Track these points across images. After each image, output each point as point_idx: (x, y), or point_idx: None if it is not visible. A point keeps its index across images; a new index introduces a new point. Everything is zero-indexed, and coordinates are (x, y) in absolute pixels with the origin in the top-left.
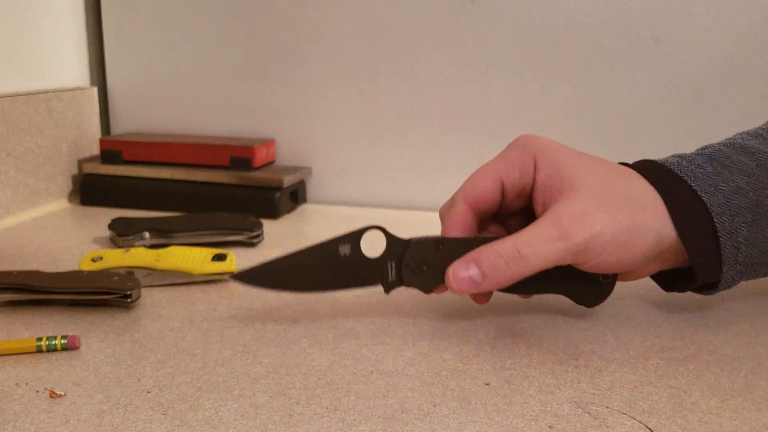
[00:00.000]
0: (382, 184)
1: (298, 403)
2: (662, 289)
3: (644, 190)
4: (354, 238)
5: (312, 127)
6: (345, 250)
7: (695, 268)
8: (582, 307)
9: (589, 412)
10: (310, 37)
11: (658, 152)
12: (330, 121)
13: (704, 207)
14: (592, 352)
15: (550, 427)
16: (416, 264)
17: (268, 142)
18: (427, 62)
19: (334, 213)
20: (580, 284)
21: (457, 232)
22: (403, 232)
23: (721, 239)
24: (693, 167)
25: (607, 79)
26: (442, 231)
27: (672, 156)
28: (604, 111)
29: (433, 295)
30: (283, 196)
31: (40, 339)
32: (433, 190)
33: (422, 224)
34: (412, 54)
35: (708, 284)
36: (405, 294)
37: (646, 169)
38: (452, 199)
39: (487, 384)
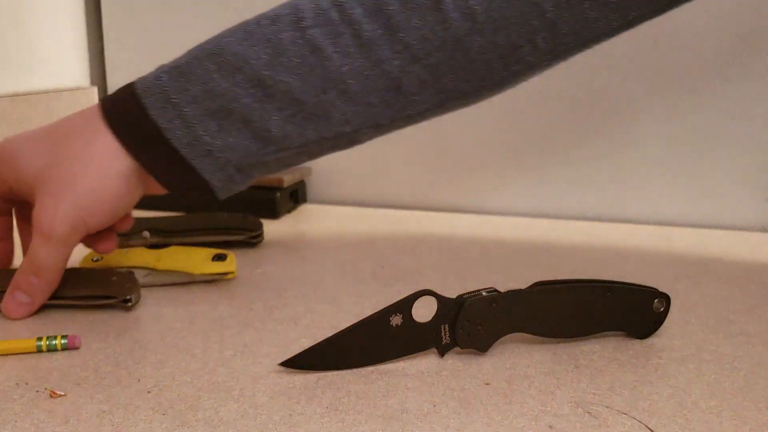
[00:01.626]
0: (382, 184)
1: (298, 403)
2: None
3: (91, 130)
4: (405, 306)
5: None
6: (396, 320)
7: (167, 185)
8: None
9: (589, 412)
10: None
11: (657, 152)
12: None
13: (153, 123)
14: (592, 352)
15: (550, 427)
16: (472, 325)
17: None
18: None
19: (334, 213)
20: (634, 317)
21: None
22: (403, 232)
23: (182, 151)
24: (151, 81)
25: (607, 78)
26: None
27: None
28: (603, 110)
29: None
30: (283, 196)
31: (40, 339)
32: (433, 190)
33: (422, 224)
34: None
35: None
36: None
37: (110, 99)
38: None
39: (487, 384)
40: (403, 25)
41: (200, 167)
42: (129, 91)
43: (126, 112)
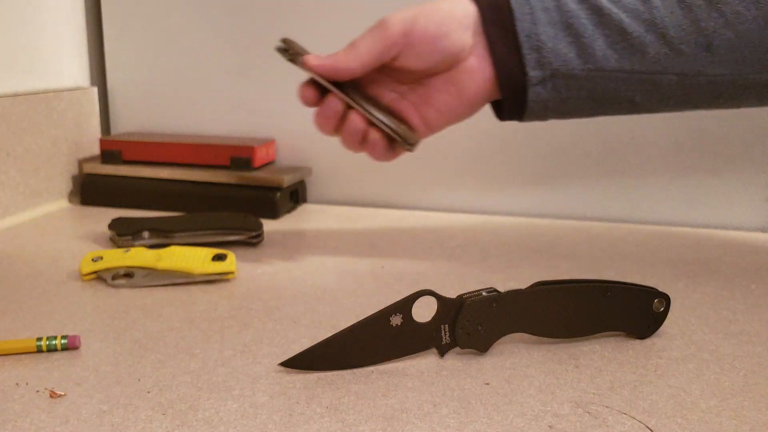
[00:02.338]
0: (382, 184)
1: (298, 403)
2: (499, 119)
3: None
4: (405, 306)
5: (312, 127)
6: (396, 320)
7: (493, 54)
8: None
9: (589, 412)
10: (310, 37)
11: (657, 151)
12: None
13: (512, 15)
14: (592, 352)
15: (550, 427)
16: (472, 325)
17: (268, 142)
18: None
19: (334, 213)
20: (634, 317)
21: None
22: (403, 232)
23: (520, 38)
24: None
25: None
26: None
27: None
28: None
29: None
30: (283, 196)
31: (40, 339)
32: (432, 190)
33: (422, 224)
34: None
35: (519, 107)
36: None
37: None
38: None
39: (487, 384)
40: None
41: (527, 57)
42: None
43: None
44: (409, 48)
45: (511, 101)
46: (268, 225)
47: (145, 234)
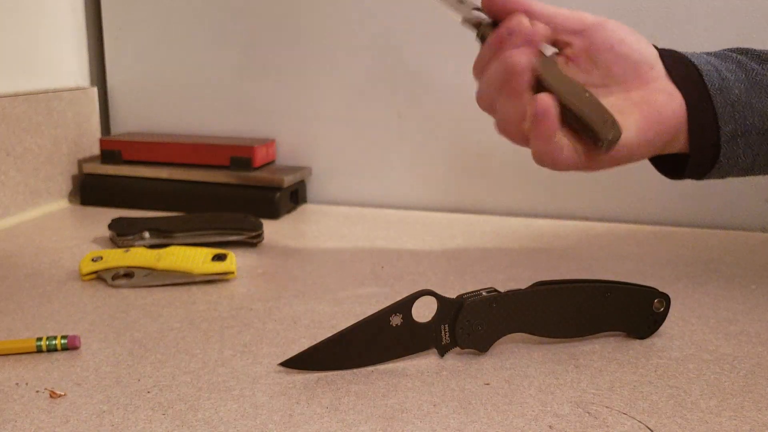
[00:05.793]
0: (382, 184)
1: (298, 403)
2: (668, 178)
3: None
4: (405, 306)
5: (312, 127)
6: (397, 320)
7: (690, 116)
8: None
9: (589, 412)
10: (310, 37)
11: None
12: (330, 121)
13: (697, 70)
14: (592, 352)
15: (550, 427)
16: (472, 325)
17: (268, 142)
18: (428, 62)
19: (334, 213)
20: (634, 317)
21: None
22: (403, 232)
23: (711, 92)
24: (691, 53)
25: None
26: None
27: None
28: None
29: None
30: (283, 196)
31: (40, 339)
32: (432, 190)
33: (422, 224)
34: (412, 54)
35: (706, 164)
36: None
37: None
38: None
39: (487, 384)
40: None
41: (721, 112)
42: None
43: (675, 54)
44: (600, 51)
45: (700, 157)
46: (268, 225)
47: (145, 234)
